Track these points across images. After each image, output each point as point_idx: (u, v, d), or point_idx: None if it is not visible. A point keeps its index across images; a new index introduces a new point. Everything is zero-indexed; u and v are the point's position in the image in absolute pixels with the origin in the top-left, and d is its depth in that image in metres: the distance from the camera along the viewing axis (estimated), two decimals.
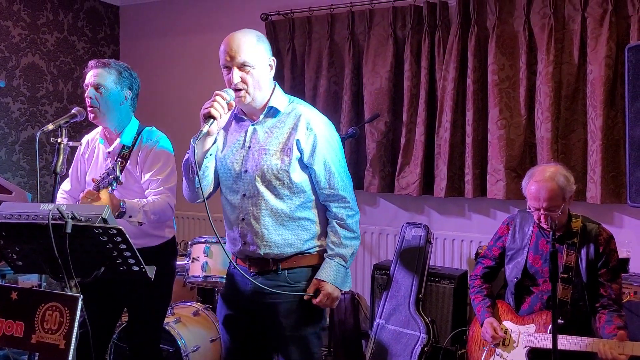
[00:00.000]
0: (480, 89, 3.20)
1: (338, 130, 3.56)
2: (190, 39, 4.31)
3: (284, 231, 1.81)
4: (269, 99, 1.84)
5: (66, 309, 1.53)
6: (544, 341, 2.12)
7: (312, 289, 1.81)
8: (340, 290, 1.83)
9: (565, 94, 3.03)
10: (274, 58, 1.84)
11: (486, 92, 3.19)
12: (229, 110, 1.77)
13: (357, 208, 1.90)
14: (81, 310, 1.53)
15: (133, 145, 2.19)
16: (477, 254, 3.05)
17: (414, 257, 3.11)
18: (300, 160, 1.80)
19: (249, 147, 1.83)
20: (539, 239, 2.25)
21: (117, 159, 2.12)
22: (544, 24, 3.03)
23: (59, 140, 1.93)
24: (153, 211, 2.04)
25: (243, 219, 1.83)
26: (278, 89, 1.87)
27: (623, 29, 2.90)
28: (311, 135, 1.80)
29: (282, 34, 3.78)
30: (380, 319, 3.07)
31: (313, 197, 1.84)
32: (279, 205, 1.80)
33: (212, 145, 1.80)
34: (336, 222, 1.84)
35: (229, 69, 1.77)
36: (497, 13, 3.13)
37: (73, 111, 2.06)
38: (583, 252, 2.16)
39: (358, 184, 3.59)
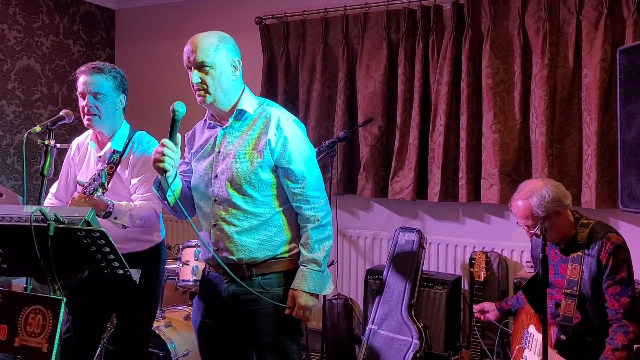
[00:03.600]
0: (474, 92, 3.19)
1: (331, 134, 3.57)
2: (186, 42, 4.29)
3: (257, 235, 1.78)
4: (237, 102, 1.82)
5: (49, 312, 1.51)
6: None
7: (290, 301, 1.77)
8: (317, 296, 1.80)
9: (560, 98, 3.02)
10: (239, 59, 1.82)
11: (480, 96, 3.17)
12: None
13: (329, 207, 1.87)
14: (67, 314, 1.52)
15: (124, 150, 2.17)
16: (471, 259, 3.02)
17: (406, 262, 3.09)
18: (270, 161, 1.78)
19: (219, 151, 1.83)
20: (550, 249, 2.21)
21: (104, 165, 2.11)
22: (539, 27, 3.02)
23: (46, 142, 1.92)
24: (139, 216, 2.03)
25: (214, 225, 1.81)
26: (247, 91, 1.86)
27: (618, 32, 2.89)
28: (281, 136, 1.78)
29: (276, 38, 3.78)
30: (372, 324, 3.04)
31: (284, 199, 1.82)
32: (251, 209, 1.78)
33: (174, 179, 1.78)
34: (309, 224, 1.79)
35: (190, 69, 1.79)
36: (492, 16, 3.12)
37: (61, 113, 2.06)
38: (586, 264, 2.06)
39: (352, 188, 3.58)
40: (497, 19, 3.13)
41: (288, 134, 1.79)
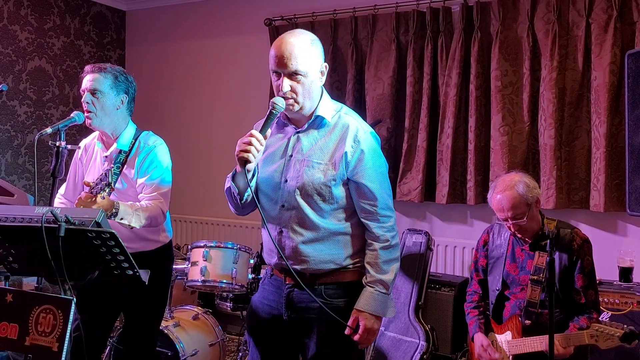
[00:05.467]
0: (483, 95, 3.18)
1: None
2: (195, 43, 4.33)
3: (323, 246, 1.72)
4: (316, 107, 1.73)
5: (59, 311, 1.53)
6: (521, 346, 2.12)
7: (352, 321, 1.69)
8: (381, 319, 1.72)
9: (569, 101, 3.01)
10: (326, 64, 1.73)
11: (489, 98, 3.17)
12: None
13: (397, 227, 1.78)
14: (75, 313, 1.54)
15: (130, 150, 2.19)
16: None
17: (414, 263, 3.09)
18: (344, 174, 1.70)
19: (291, 155, 1.74)
20: (515, 246, 2.25)
21: (111, 165, 2.13)
22: (548, 30, 3.01)
23: (57, 143, 1.95)
24: (145, 216, 2.04)
25: (281, 232, 1.74)
26: (326, 95, 1.77)
27: (628, 35, 2.87)
28: (358, 148, 1.69)
29: None
30: None
31: (352, 212, 1.74)
32: (319, 220, 1.70)
33: (253, 177, 1.72)
34: (378, 244, 1.71)
35: (278, 74, 1.66)
36: (501, 19, 3.11)
37: (72, 115, 2.08)
38: (556, 258, 2.13)
39: None
40: (506, 21, 3.12)
41: (365, 147, 1.70)
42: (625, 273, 2.75)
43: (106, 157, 2.22)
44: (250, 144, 1.59)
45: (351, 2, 3.53)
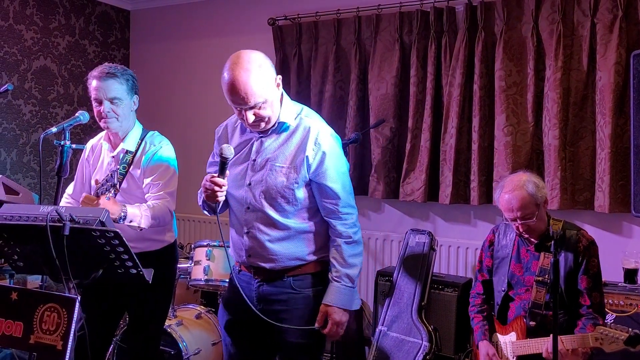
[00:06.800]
0: (486, 95, 3.18)
1: (343, 135, 3.58)
2: (200, 43, 4.34)
3: (290, 244, 1.80)
4: (279, 114, 1.80)
5: (64, 310, 1.55)
6: (525, 348, 2.11)
7: (321, 317, 1.79)
8: (348, 311, 1.81)
9: (574, 101, 3.00)
10: (279, 76, 1.77)
11: (493, 98, 3.16)
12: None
13: (359, 223, 1.88)
14: (80, 312, 1.55)
15: (136, 150, 2.20)
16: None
17: (417, 264, 3.09)
18: (306, 176, 1.77)
19: (254, 160, 1.81)
20: (520, 247, 2.24)
21: (118, 166, 2.14)
22: (553, 30, 3.00)
23: (62, 142, 1.95)
24: (153, 216, 2.05)
25: (248, 232, 1.82)
26: (286, 99, 1.82)
27: (633, 35, 2.86)
28: (319, 151, 1.77)
29: (288, 39, 3.79)
30: (382, 325, 3.04)
31: (316, 211, 1.83)
32: (284, 221, 1.79)
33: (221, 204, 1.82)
34: (341, 239, 1.81)
35: (239, 109, 1.73)
36: (505, 18, 3.10)
37: (77, 114, 2.08)
38: (562, 259, 2.13)
39: (363, 189, 3.58)
40: (510, 21, 3.11)
41: (326, 149, 1.78)
42: (630, 274, 2.74)
43: (113, 157, 2.23)
44: (214, 190, 1.72)
45: (355, 1, 3.53)
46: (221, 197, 1.73)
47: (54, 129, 1.98)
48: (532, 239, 2.18)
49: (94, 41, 4.44)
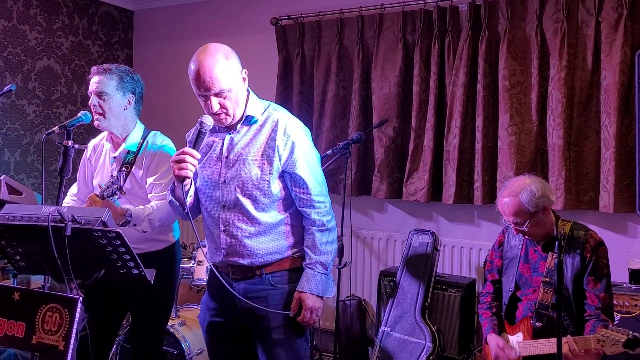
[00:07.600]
0: (490, 94, 3.16)
1: (346, 134, 3.57)
2: (203, 42, 4.29)
3: (267, 239, 1.82)
4: (245, 109, 1.84)
5: (66, 310, 1.54)
6: (532, 348, 2.10)
7: (295, 304, 1.81)
8: (322, 298, 1.83)
9: (578, 100, 2.98)
10: (245, 70, 1.82)
11: (497, 98, 3.14)
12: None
13: (333, 211, 1.90)
14: (82, 312, 1.55)
15: (138, 150, 2.20)
16: (485, 262, 3.00)
17: (420, 264, 3.08)
18: (279, 167, 1.80)
19: (227, 157, 1.83)
20: (529, 248, 2.23)
21: (122, 167, 2.14)
22: (557, 29, 2.98)
23: (65, 142, 1.95)
24: (158, 218, 2.05)
25: (224, 230, 1.83)
26: (252, 95, 1.87)
27: (638, 34, 2.83)
28: (289, 141, 1.80)
29: (291, 39, 3.79)
30: (385, 326, 3.03)
31: (291, 203, 1.85)
32: (260, 215, 1.80)
33: (190, 185, 1.80)
34: (315, 227, 1.83)
35: (204, 96, 1.77)
36: (509, 17, 3.09)
37: (79, 114, 2.08)
38: (569, 260, 2.12)
39: (366, 189, 3.57)
40: (514, 20, 3.09)
41: (295, 139, 1.81)
42: (635, 275, 2.72)
43: (115, 157, 2.22)
44: (185, 161, 1.69)
45: (358, 1, 3.52)
46: (190, 172, 1.69)
47: (56, 129, 1.98)
48: (535, 241, 2.18)
49: (97, 41, 4.45)
